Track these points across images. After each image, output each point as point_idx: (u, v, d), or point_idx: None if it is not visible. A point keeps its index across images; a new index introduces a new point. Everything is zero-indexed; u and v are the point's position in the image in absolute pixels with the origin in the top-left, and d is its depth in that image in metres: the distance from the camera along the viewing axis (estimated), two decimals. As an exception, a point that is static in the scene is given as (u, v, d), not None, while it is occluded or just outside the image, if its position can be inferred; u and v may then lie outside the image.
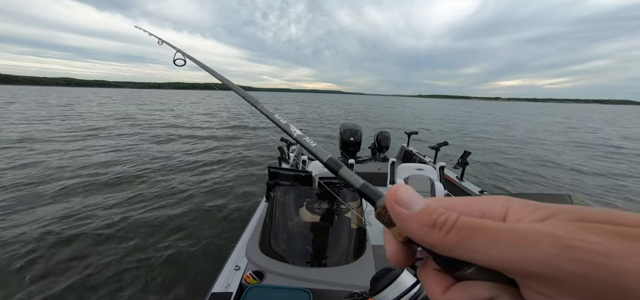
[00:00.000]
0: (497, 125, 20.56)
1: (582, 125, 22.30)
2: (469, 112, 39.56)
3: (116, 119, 15.00)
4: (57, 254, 2.95)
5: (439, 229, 0.16)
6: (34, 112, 17.52)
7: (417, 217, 0.17)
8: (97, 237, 3.28)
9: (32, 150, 7.25)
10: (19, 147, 7.60)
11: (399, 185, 0.19)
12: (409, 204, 0.18)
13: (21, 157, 6.59)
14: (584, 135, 15.36)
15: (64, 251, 3.00)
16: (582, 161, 8.59)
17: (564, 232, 0.13)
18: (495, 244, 0.14)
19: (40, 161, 6.29)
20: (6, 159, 6.30)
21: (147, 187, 4.95)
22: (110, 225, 3.56)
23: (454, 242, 0.15)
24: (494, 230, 0.14)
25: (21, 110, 17.97)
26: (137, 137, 9.98)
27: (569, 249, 0.12)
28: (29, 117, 14.46)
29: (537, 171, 7.36)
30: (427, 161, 4.23)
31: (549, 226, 0.13)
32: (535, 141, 12.64)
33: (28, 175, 5.28)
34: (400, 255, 0.19)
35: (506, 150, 10.13)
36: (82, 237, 3.26)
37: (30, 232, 3.30)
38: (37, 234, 3.26)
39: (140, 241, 3.25)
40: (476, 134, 15.03)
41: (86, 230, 3.38)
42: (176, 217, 3.85)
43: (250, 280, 1.50)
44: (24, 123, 12.35)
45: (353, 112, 30.55)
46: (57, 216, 3.70)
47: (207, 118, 17.43)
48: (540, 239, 0.13)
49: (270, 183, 1.92)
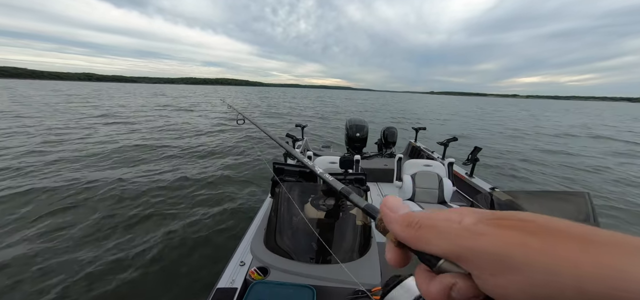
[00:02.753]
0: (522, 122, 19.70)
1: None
2: (481, 109, 38.16)
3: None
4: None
5: (411, 228, 0.22)
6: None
7: (399, 219, 0.23)
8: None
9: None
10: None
11: (389, 196, 0.26)
12: (395, 209, 0.24)
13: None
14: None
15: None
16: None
17: (473, 227, 0.18)
18: (438, 237, 0.20)
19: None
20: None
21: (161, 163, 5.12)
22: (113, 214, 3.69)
23: (417, 236, 0.21)
24: (439, 227, 0.20)
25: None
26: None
27: (467, 237, 0.18)
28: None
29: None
30: (435, 157, 4.12)
31: (471, 224, 0.19)
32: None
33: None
34: (395, 257, 0.24)
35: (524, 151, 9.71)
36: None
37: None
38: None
39: (142, 233, 3.35)
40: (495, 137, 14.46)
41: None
42: (183, 211, 3.95)
43: (255, 276, 1.51)
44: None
45: (367, 109, 30.21)
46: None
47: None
48: (460, 232, 0.19)
49: (275, 179, 1.91)
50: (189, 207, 4.06)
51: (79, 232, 3.30)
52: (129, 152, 6.99)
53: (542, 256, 0.15)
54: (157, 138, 8.90)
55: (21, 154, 6.41)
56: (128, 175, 5.24)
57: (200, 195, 4.51)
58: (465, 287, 0.19)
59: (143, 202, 4.13)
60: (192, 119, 14.06)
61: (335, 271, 1.49)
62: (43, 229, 3.31)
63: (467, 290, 0.19)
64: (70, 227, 3.37)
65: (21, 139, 8.00)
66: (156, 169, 5.68)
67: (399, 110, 28.89)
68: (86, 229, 3.36)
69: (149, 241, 3.17)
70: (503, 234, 0.17)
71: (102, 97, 28.75)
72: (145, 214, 3.78)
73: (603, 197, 5.27)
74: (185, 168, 5.89)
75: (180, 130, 10.58)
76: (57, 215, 3.67)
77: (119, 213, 3.77)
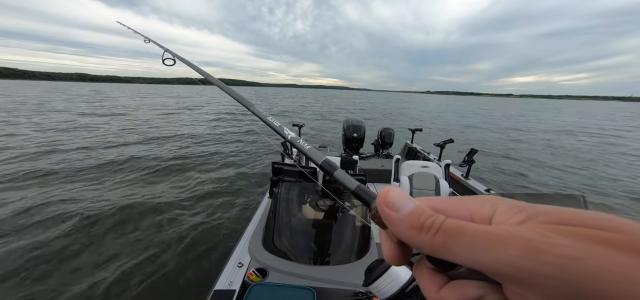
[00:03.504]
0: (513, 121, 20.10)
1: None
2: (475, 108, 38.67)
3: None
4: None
5: (426, 232, 0.16)
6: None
7: (405, 219, 0.18)
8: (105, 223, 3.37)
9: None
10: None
11: (390, 187, 0.20)
12: (398, 207, 0.18)
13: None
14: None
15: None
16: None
17: (536, 235, 0.13)
18: (474, 247, 0.14)
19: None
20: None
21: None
22: (112, 214, 3.63)
23: (440, 244, 0.16)
24: (474, 233, 0.15)
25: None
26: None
27: (537, 252, 0.13)
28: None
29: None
30: (432, 158, 4.16)
31: (525, 229, 0.14)
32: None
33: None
34: (395, 255, 0.20)
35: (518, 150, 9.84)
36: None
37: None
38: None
39: (140, 232, 3.30)
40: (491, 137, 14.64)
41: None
42: (179, 209, 3.90)
43: (253, 277, 1.49)
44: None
45: (363, 109, 30.29)
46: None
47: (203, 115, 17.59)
48: (512, 242, 0.14)
49: (274, 179, 1.89)
50: (184, 206, 4.02)
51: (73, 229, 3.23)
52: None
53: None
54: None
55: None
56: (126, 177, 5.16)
57: (195, 194, 4.46)
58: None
59: (137, 198, 4.07)
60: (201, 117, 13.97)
61: (335, 272, 1.48)
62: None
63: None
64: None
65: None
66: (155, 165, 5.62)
67: (388, 110, 29.20)
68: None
69: (143, 241, 3.12)
70: (584, 249, 0.12)
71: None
72: (139, 211, 3.73)
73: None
74: (177, 163, 5.83)
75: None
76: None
77: (114, 213, 3.71)
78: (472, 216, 0.17)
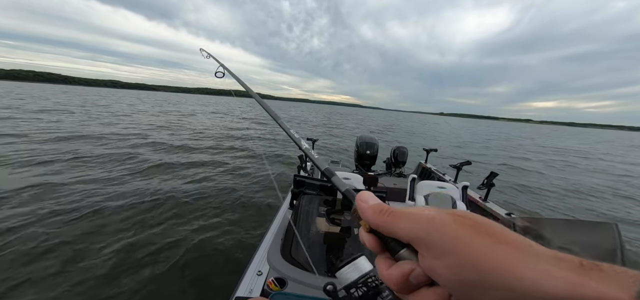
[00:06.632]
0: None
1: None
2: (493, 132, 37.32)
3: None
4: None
5: (382, 214, 0.25)
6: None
7: (371, 207, 0.26)
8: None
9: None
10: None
11: (363, 191, 0.29)
12: (367, 200, 0.27)
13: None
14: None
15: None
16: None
17: (439, 216, 0.21)
18: (406, 221, 0.22)
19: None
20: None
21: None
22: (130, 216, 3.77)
23: (390, 221, 0.24)
24: (407, 213, 0.23)
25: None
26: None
27: (433, 226, 0.20)
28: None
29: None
30: (447, 179, 4.09)
31: (435, 212, 0.21)
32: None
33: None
34: (367, 241, 0.27)
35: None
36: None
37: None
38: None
39: (161, 232, 3.41)
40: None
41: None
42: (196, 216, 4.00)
43: (272, 286, 1.50)
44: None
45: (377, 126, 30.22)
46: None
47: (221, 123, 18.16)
48: (423, 219, 0.21)
49: (296, 191, 1.94)
50: (204, 214, 4.12)
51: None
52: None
53: (472, 248, 0.18)
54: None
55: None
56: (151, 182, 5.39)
57: (213, 201, 4.58)
58: (423, 274, 0.21)
59: (161, 206, 4.23)
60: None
61: None
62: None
63: (423, 277, 0.21)
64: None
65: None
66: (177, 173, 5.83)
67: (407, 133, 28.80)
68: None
69: (165, 246, 3.21)
70: (458, 229, 0.19)
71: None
72: (162, 219, 3.86)
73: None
74: (195, 173, 6.01)
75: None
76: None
77: (138, 217, 3.85)
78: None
